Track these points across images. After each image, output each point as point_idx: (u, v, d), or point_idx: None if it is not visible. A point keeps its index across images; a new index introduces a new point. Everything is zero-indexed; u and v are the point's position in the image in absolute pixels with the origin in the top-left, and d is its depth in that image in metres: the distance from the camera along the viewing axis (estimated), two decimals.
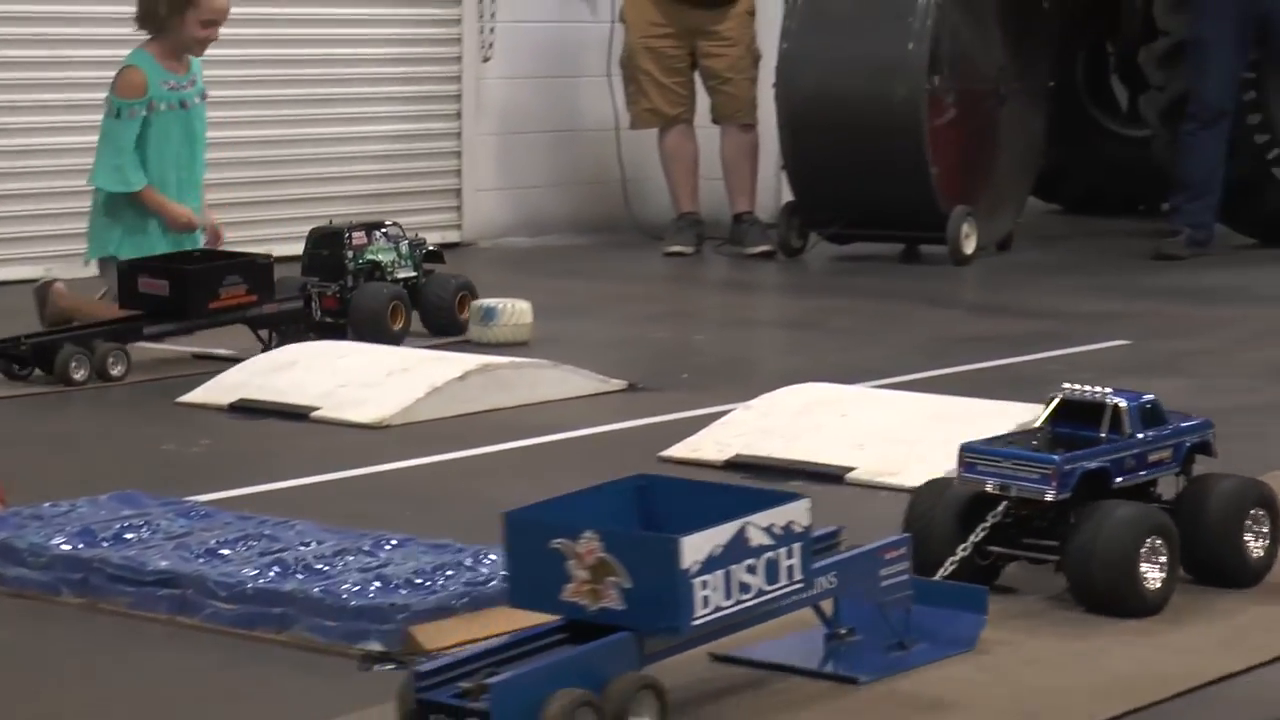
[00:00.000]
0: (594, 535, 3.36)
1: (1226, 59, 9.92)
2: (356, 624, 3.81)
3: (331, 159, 10.10)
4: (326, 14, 10.07)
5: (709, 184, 10.42)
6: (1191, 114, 9.94)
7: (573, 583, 3.37)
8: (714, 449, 5.44)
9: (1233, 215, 10.28)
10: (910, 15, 9.63)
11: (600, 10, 11.02)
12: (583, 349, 7.06)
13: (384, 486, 5.27)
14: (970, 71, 9.96)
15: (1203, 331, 7.76)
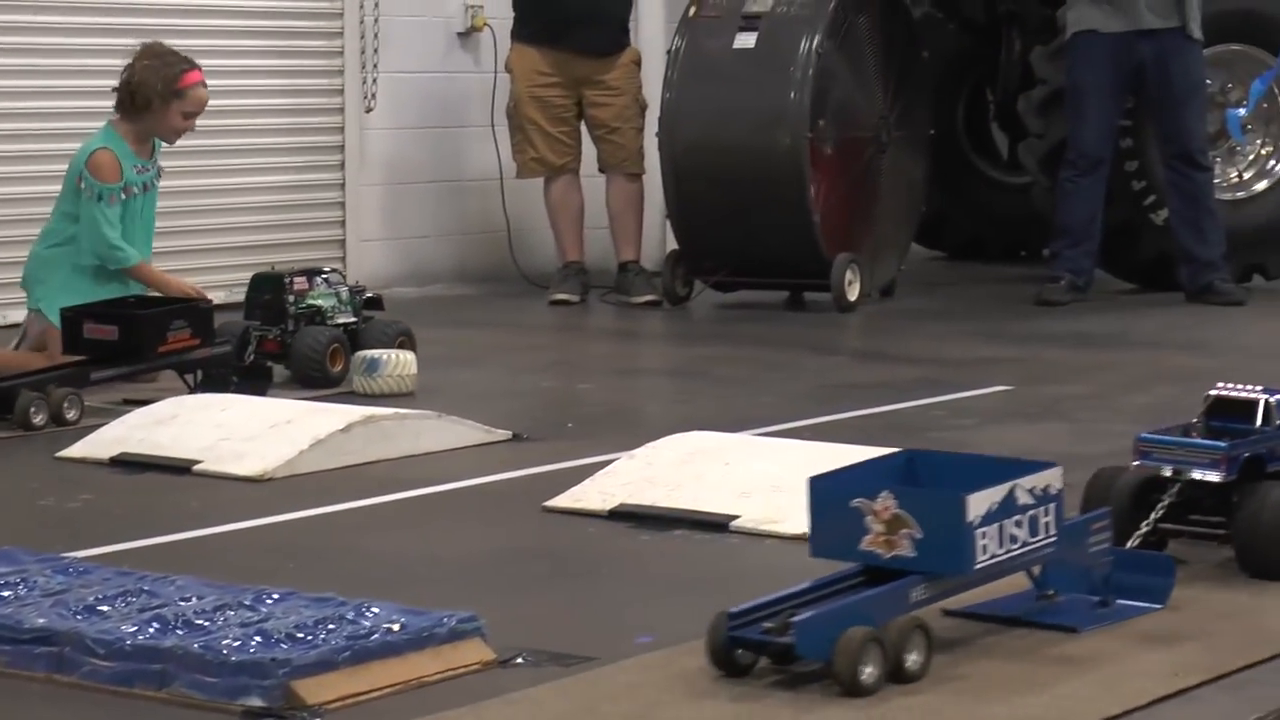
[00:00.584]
0: (890, 494, 3.99)
1: (1103, 107, 10.02)
2: (237, 679, 3.77)
3: (217, 210, 10.03)
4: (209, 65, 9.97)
5: (594, 233, 10.44)
6: (1070, 161, 10.03)
7: (870, 535, 3.99)
8: (598, 499, 5.43)
9: (1111, 261, 10.37)
10: (792, 65, 9.68)
11: (483, 61, 11.02)
12: (468, 399, 7.04)
13: (266, 540, 5.23)
14: (852, 120, 10.01)
15: (1082, 376, 7.81)
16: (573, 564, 4.96)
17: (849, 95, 9.99)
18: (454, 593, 4.53)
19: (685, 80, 9.87)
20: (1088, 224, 10.02)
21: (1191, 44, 9.99)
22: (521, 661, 4.05)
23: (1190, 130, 10.00)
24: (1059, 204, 10.10)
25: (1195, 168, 10.00)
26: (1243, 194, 10.61)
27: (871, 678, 3.79)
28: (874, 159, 10.17)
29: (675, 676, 3.94)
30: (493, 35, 10.91)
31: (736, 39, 9.83)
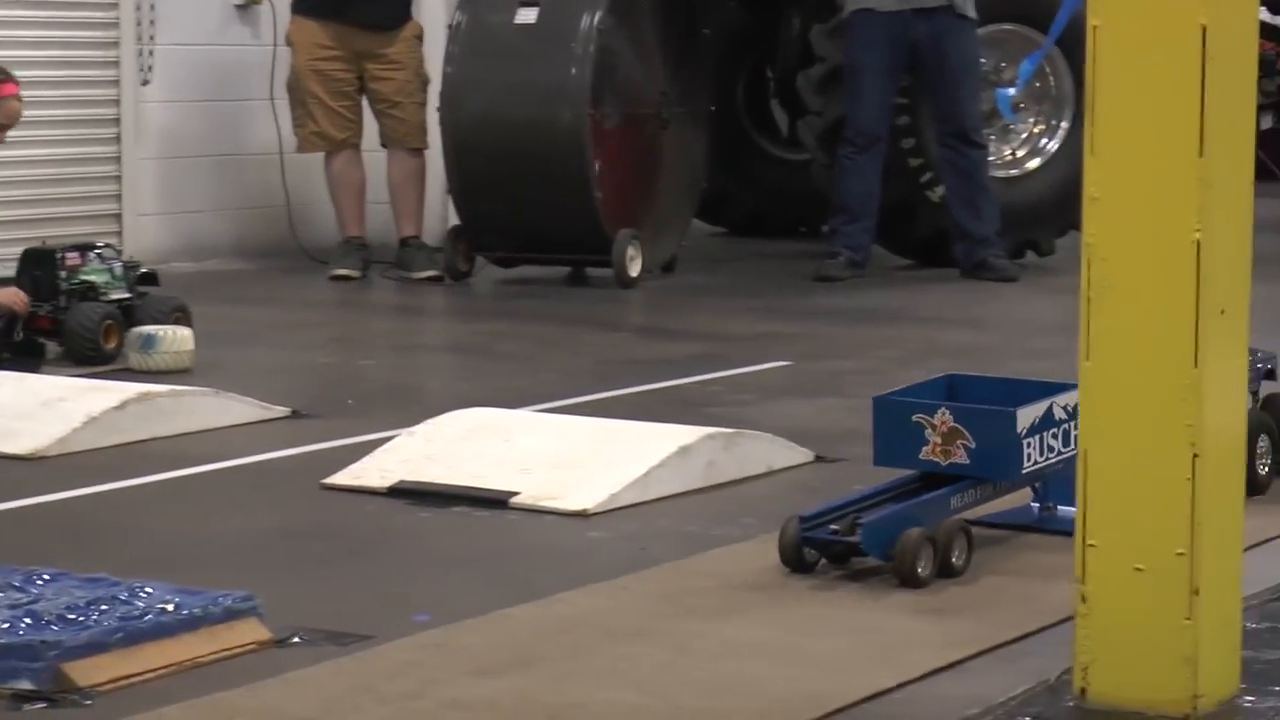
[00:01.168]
0: (947, 410, 4.58)
1: (880, 85, 10.11)
2: (6, 662, 3.69)
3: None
4: None
5: (375, 208, 10.37)
6: (847, 139, 10.11)
7: (928, 445, 4.58)
8: (377, 476, 5.40)
9: (889, 237, 10.48)
10: (573, 41, 9.68)
11: (262, 34, 10.89)
12: (246, 376, 6.97)
13: (39, 520, 5.14)
14: (633, 96, 10.03)
15: (860, 352, 7.87)
16: (351, 542, 4.93)
17: (630, 71, 10.00)
18: (231, 572, 4.47)
19: (466, 55, 9.83)
20: (865, 201, 10.11)
21: (965, 23, 10.11)
22: (298, 641, 4.02)
23: (965, 109, 10.12)
24: (837, 181, 10.18)
25: (970, 145, 10.13)
26: (1016, 172, 10.76)
27: (925, 571, 4.36)
28: (655, 135, 10.19)
29: (453, 654, 3.93)
30: (272, 8, 10.79)
31: (518, 14, 9.81)
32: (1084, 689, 3.60)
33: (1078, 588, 3.60)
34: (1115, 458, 3.57)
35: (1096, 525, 3.59)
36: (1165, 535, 3.52)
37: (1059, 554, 4.60)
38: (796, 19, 11.56)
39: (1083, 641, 3.60)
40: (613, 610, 4.24)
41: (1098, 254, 3.58)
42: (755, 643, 4.00)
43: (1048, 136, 10.80)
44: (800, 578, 4.48)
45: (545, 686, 3.73)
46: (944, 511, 4.56)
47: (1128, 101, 3.55)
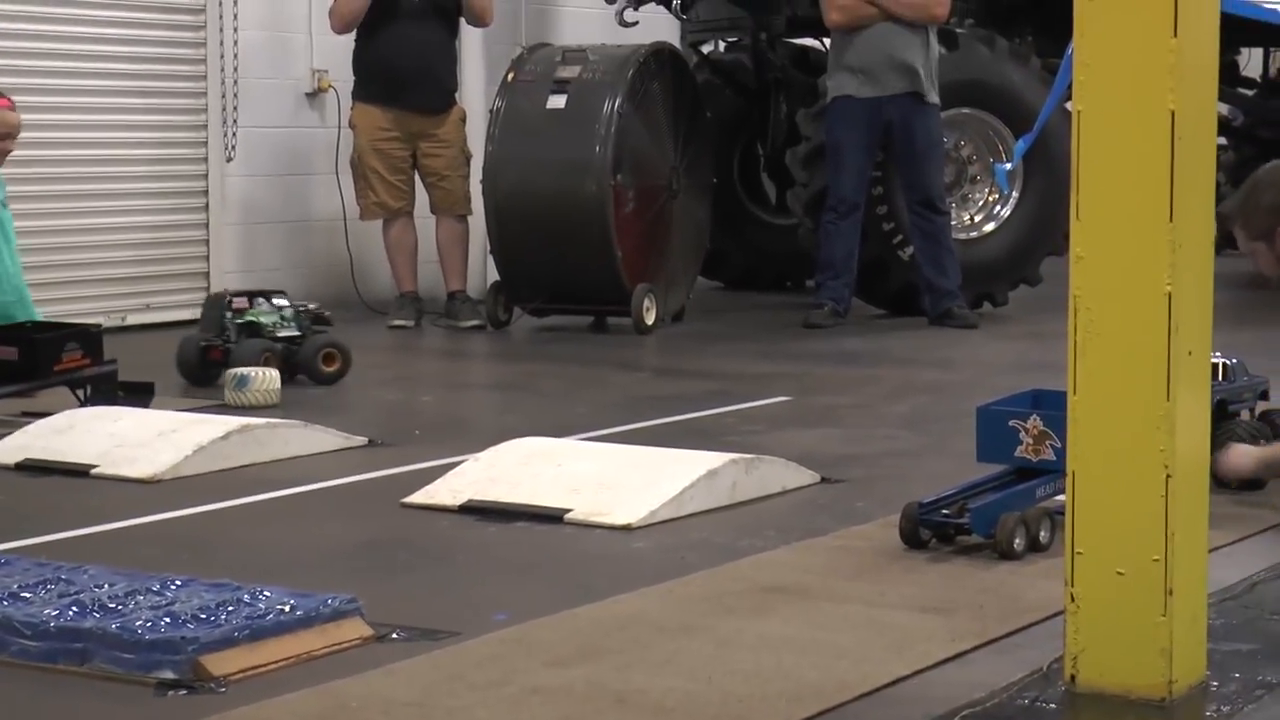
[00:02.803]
0: (1038, 416, 4.86)
1: (858, 160, 10.14)
2: (150, 655, 3.70)
3: (97, 245, 9.89)
4: (90, 120, 9.87)
5: (426, 266, 10.39)
6: (830, 206, 10.14)
7: (1022, 445, 4.87)
8: (449, 496, 5.40)
9: (866, 290, 10.50)
10: (597, 123, 9.71)
11: (328, 117, 10.93)
12: (325, 410, 6.97)
13: (161, 534, 5.14)
14: (647, 170, 10.06)
15: (849, 389, 7.88)
16: (431, 552, 4.92)
17: (645, 149, 10.03)
18: (330, 578, 4.47)
19: (505, 135, 9.86)
20: (846, 259, 10.13)
21: (930, 108, 10.14)
22: (396, 637, 4.02)
23: (931, 181, 10.15)
24: (821, 242, 10.21)
25: (935, 212, 10.15)
26: (975, 234, 10.79)
27: (1019, 548, 4.63)
28: (666, 203, 10.21)
29: (530, 647, 3.93)
30: (337, 95, 10.82)
31: (549, 100, 9.84)
32: (1073, 676, 3.61)
33: (1067, 589, 3.61)
34: (1099, 478, 3.58)
35: (1083, 535, 3.60)
36: (1143, 544, 3.54)
37: (1044, 558, 4.64)
38: (784, 104, 11.63)
39: (1072, 635, 3.61)
40: (661, 610, 4.24)
41: (1083, 304, 3.60)
42: (787, 637, 4.00)
43: (1001, 205, 10.83)
44: (816, 581, 4.48)
45: (611, 675, 3.74)
46: (1032, 499, 4.83)
47: (1108, 174, 3.57)
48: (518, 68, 10.08)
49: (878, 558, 4.72)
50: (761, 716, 3.49)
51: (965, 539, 4.78)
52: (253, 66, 10.56)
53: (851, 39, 10.07)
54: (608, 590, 4.41)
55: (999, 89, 10.64)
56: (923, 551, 4.76)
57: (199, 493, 5.58)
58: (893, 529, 4.85)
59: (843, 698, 3.61)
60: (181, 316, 10.17)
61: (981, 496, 4.86)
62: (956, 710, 3.50)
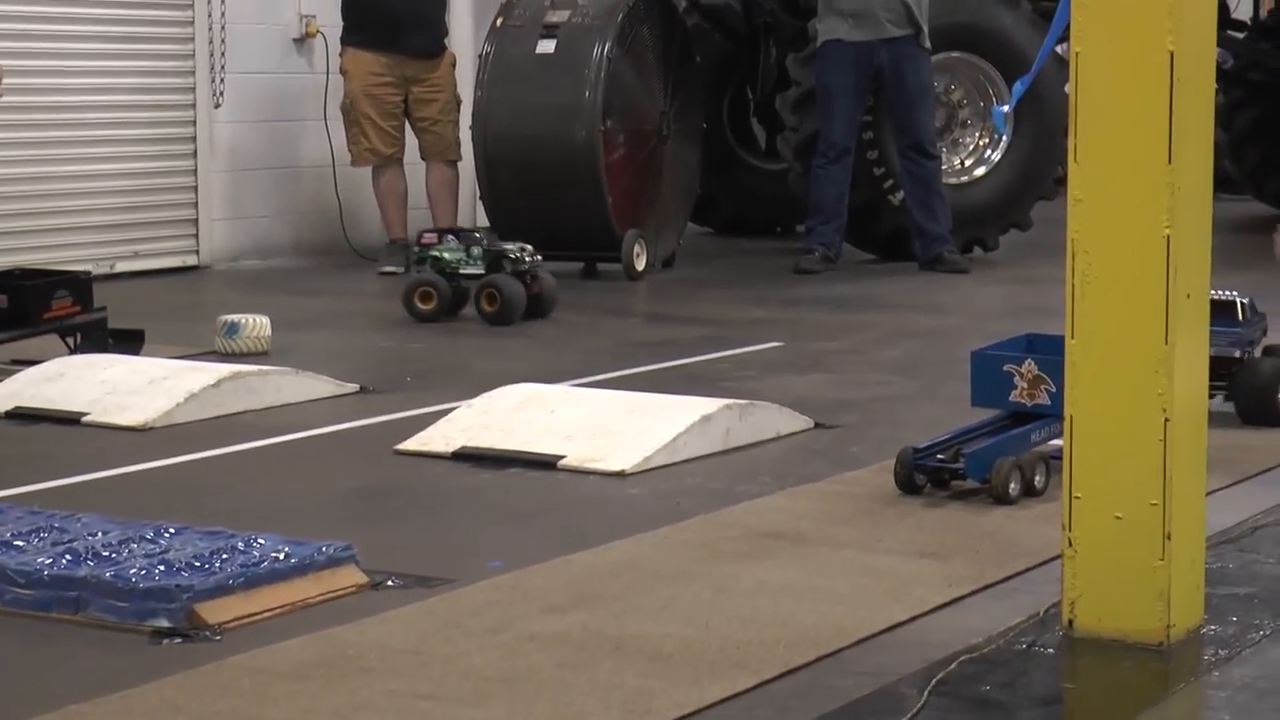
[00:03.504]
0: (1032, 361, 4.84)
1: (848, 105, 10.09)
2: (145, 604, 3.69)
3: (85, 193, 9.82)
4: (77, 65, 9.79)
5: (415, 212, 10.33)
6: (821, 151, 10.10)
7: (1016, 390, 4.86)
8: (442, 442, 5.39)
9: (856, 235, 10.47)
10: (586, 68, 9.66)
11: (316, 64, 10.85)
12: (317, 357, 6.93)
13: (154, 482, 5.12)
14: (637, 115, 10.00)
15: (841, 334, 7.86)
16: (425, 499, 4.90)
17: (634, 94, 9.97)
18: (324, 525, 4.45)
19: (495, 81, 9.81)
20: (836, 204, 10.10)
21: (922, 52, 10.10)
22: (391, 584, 4.00)
23: (921, 125, 10.11)
24: (811, 187, 10.17)
25: (926, 157, 10.11)
26: (965, 179, 10.74)
27: (1014, 492, 4.64)
28: (656, 149, 10.16)
29: (525, 594, 3.92)
30: (324, 41, 10.75)
31: (538, 45, 9.78)
32: (1071, 621, 3.60)
33: (1065, 534, 3.60)
34: (1097, 422, 3.57)
35: (1081, 480, 3.59)
36: (1141, 488, 3.53)
37: (1040, 502, 4.63)
38: (773, 49, 11.58)
39: (1069, 580, 3.60)
40: (657, 556, 4.23)
41: (1081, 248, 3.57)
42: (783, 583, 3.99)
43: (992, 149, 10.79)
44: (812, 527, 4.48)
45: (607, 621, 3.73)
46: (1027, 444, 4.83)
47: (1106, 117, 3.54)
48: (506, 13, 10.01)
49: (873, 503, 4.71)
50: (759, 662, 3.48)
51: (960, 484, 4.77)
52: (241, 12, 10.48)
53: None
54: (603, 537, 4.39)
55: (990, 33, 10.58)
56: (918, 497, 4.75)
57: (191, 440, 5.56)
58: (887, 474, 4.84)
59: (840, 643, 3.60)
60: (169, 264, 10.14)
61: (976, 441, 4.85)
62: (954, 656, 3.49)
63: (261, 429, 5.73)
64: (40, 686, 3.39)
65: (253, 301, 8.15)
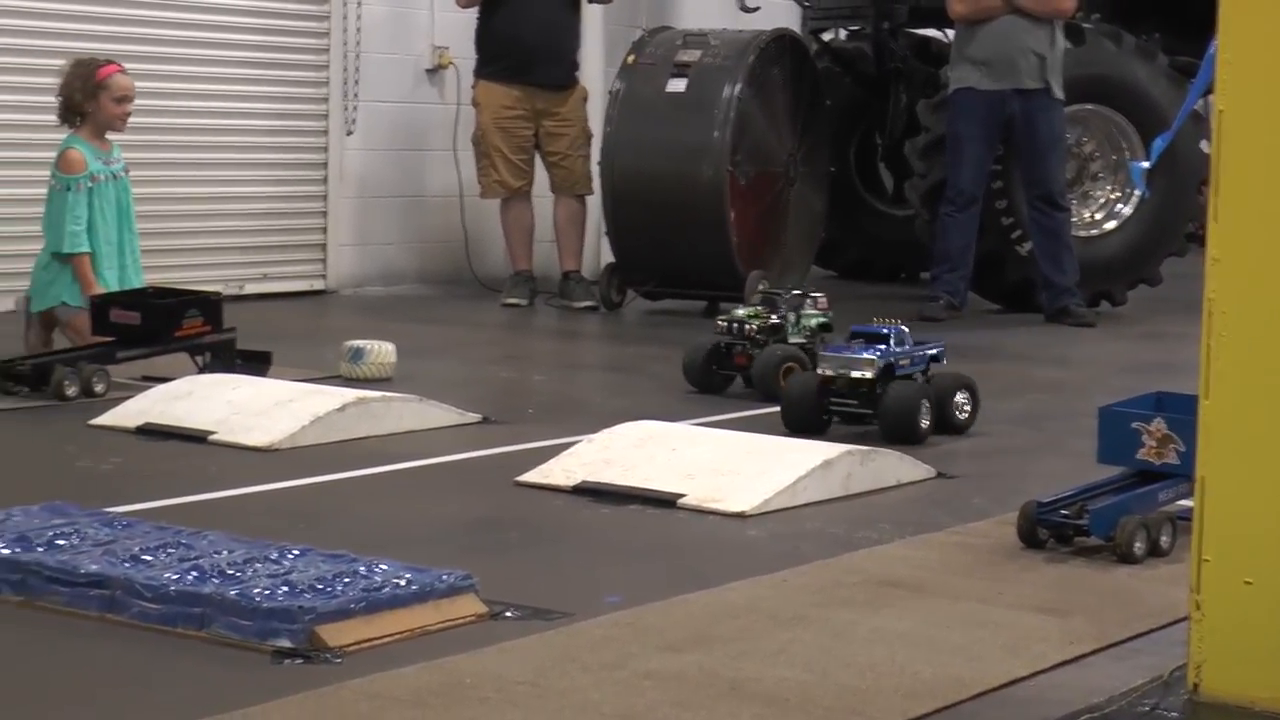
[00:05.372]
0: (1162, 419, 4.79)
1: (978, 153, 10.06)
2: (268, 623, 3.73)
3: (219, 215, 9.99)
4: (215, 89, 9.95)
5: (541, 245, 10.40)
6: (949, 198, 10.07)
7: (1144, 448, 4.81)
8: (562, 476, 5.41)
9: (982, 284, 10.42)
10: (716, 108, 9.69)
11: (447, 94, 10.96)
12: (438, 386, 6.98)
13: (277, 503, 5.17)
14: (765, 157, 10.02)
15: None
16: (544, 532, 4.92)
17: (763, 135, 9.99)
18: (443, 553, 4.47)
19: (624, 118, 9.86)
20: (963, 252, 10.06)
21: (1054, 103, 10.04)
22: (510, 615, 4.02)
23: (1052, 176, 10.05)
24: (938, 235, 10.14)
25: (1055, 208, 10.05)
26: (1095, 232, 10.67)
27: (1139, 551, 4.59)
28: (783, 190, 10.18)
29: (642, 631, 3.92)
30: (456, 72, 10.86)
31: (669, 84, 9.83)
32: (1196, 685, 3.54)
33: (1192, 596, 3.55)
34: (1230, 485, 3.52)
35: (1211, 543, 3.54)
36: (1273, 553, 3.47)
37: (1165, 563, 4.58)
38: (903, 94, 11.56)
39: (1196, 644, 3.55)
40: (775, 599, 4.23)
41: (1218, 307, 3.53)
42: (901, 632, 3.97)
43: (1123, 203, 10.71)
44: (932, 577, 4.45)
45: (724, 663, 3.72)
46: (1154, 503, 4.78)
47: (1249, 175, 3.51)
48: (638, 50, 10.06)
49: (994, 555, 4.68)
50: (876, 710, 3.47)
51: (1083, 540, 4.72)
52: (375, 41, 10.61)
53: (975, 31, 9.99)
54: (721, 577, 4.39)
55: (1124, 85, 10.52)
56: (1040, 551, 4.71)
57: (315, 463, 5.62)
58: (1009, 527, 4.81)
59: (958, 696, 3.58)
60: (297, 288, 10.26)
61: (1101, 498, 4.81)
62: (1075, 714, 3.46)
63: (384, 455, 5.78)
64: (163, 700, 3.44)
65: (377, 328, 8.21)
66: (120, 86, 7.39)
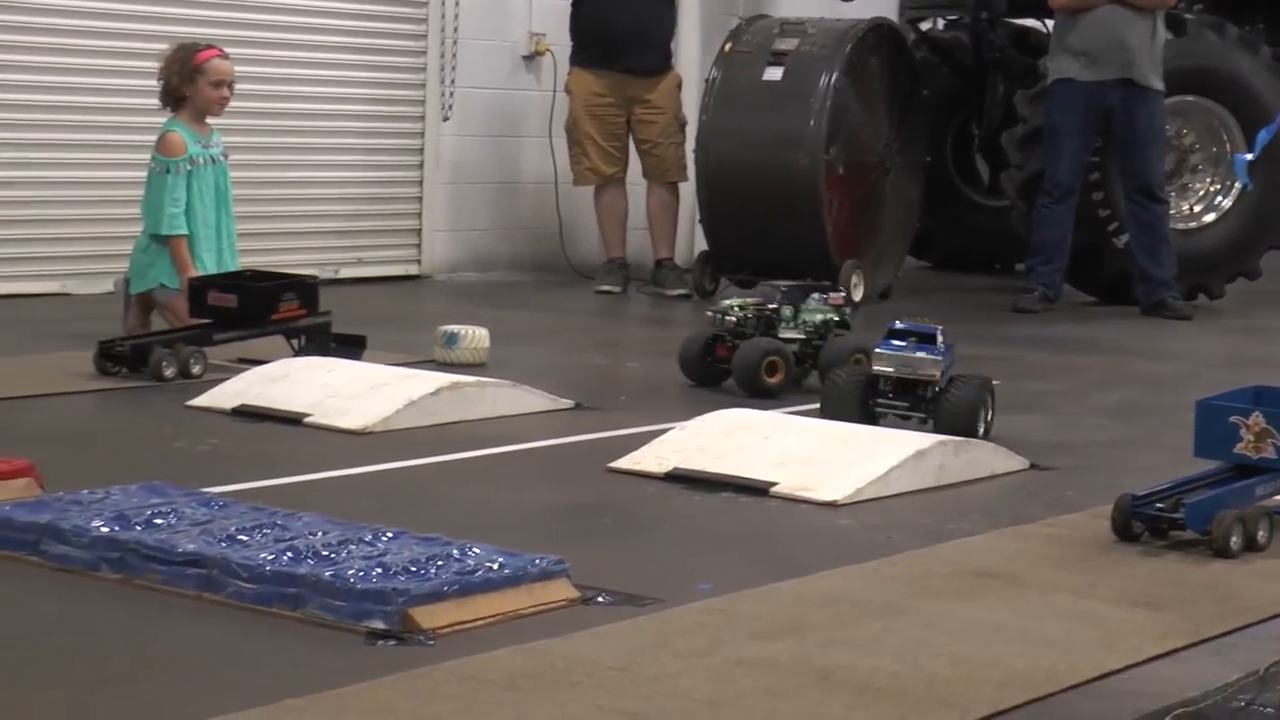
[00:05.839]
0: (1260, 413, 4.76)
1: (1076, 144, 9.99)
2: (362, 605, 3.76)
3: (316, 199, 10.06)
4: (314, 74, 10.02)
5: (634, 233, 10.42)
6: (1046, 190, 10.01)
7: (1241, 442, 4.78)
8: (655, 463, 5.42)
9: (1077, 277, 10.36)
10: (812, 97, 9.67)
11: (544, 81, 10.99)
12: (532, 371, 7.01)
13: (371, 485, 5.21)
14: (861, 146, 10.00)
15: (1058, 375, 7.78)
16: (636, 518, 4.93)
17: (859, 124, 9.97)
18: (535, 538, 4.48)
19: (720, 106, 9.86)
20: (1059, 244, 10.00)
21: (1154, 94, 9.96)
22: (601, 601, 4.03)
23: (1150, 168, 9.97)
24: (1034, 226, 10.08)
25: (1153, 200, 9.98)
26: (1194, 225, 10.59)
27: (1236, 546, 4.55)
28: (878, 180, 10.15)
29: (734, 619, 3.92)
30: (553, 59, 10.88)
31: (765, 72, 9.83)
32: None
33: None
34: None
35: None
36: None
37: (1261, 558, 4.55)
38: (1001, 84, 11.50)
39: None
40: (866, 589, 4.22)
41: None
42: (993, 623, 3.95)
43: (1222, 195, 10.62)
44: (1025, 569, 4.43)
45: (815, 651, 3.72)
46: (1251, 498, 4.74)
47: None
48: (735, 39, 10.06)
49: (1087, 548, 4.66)
50: (967, 701, 3.46)
51: (1179, 534, 4.69)
52: (472, 27, 10.65)
53: (1076, 21, 9.92)
54: (812, 566, 4.39)
55: (1226, 77, 10.42)
56: (1134, 545, 4.68)
57: (408, 447, 5.65)
58: (1103, 520, 4.78)
59: (1050, 688, 3.56)
60: (392, 272, 10.33)
61: (1197, 492, 4.77)
62: (1169, 708, 3.43)
63: (477, 439, 5.81)
64: (258, 679, 3.47)
65: (471, 313, 8.25)
66: (217, 71, 7.44)
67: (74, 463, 5.19)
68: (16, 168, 8.84)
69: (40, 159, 8.91)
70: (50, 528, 4.15)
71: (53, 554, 4.11)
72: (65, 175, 8.99)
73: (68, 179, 9.00)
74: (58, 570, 4.07)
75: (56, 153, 8.96)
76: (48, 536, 4.14)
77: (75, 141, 9.01)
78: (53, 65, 8.95)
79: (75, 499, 4.40)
